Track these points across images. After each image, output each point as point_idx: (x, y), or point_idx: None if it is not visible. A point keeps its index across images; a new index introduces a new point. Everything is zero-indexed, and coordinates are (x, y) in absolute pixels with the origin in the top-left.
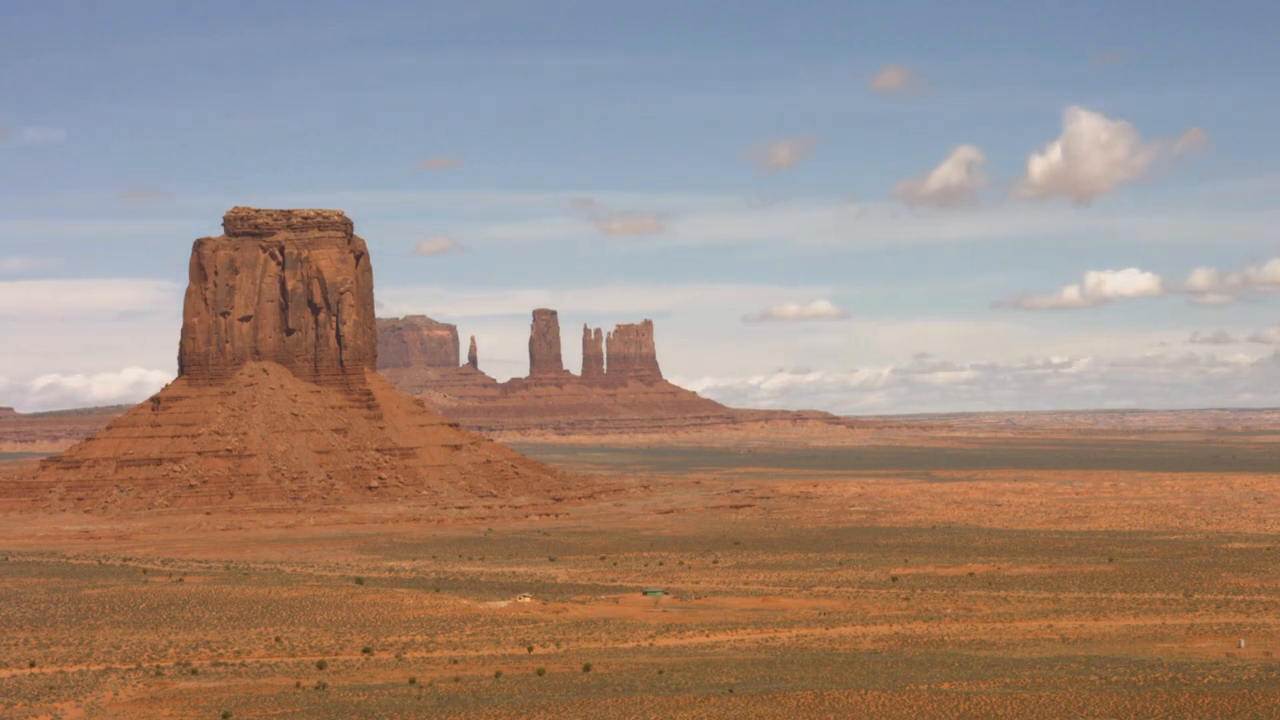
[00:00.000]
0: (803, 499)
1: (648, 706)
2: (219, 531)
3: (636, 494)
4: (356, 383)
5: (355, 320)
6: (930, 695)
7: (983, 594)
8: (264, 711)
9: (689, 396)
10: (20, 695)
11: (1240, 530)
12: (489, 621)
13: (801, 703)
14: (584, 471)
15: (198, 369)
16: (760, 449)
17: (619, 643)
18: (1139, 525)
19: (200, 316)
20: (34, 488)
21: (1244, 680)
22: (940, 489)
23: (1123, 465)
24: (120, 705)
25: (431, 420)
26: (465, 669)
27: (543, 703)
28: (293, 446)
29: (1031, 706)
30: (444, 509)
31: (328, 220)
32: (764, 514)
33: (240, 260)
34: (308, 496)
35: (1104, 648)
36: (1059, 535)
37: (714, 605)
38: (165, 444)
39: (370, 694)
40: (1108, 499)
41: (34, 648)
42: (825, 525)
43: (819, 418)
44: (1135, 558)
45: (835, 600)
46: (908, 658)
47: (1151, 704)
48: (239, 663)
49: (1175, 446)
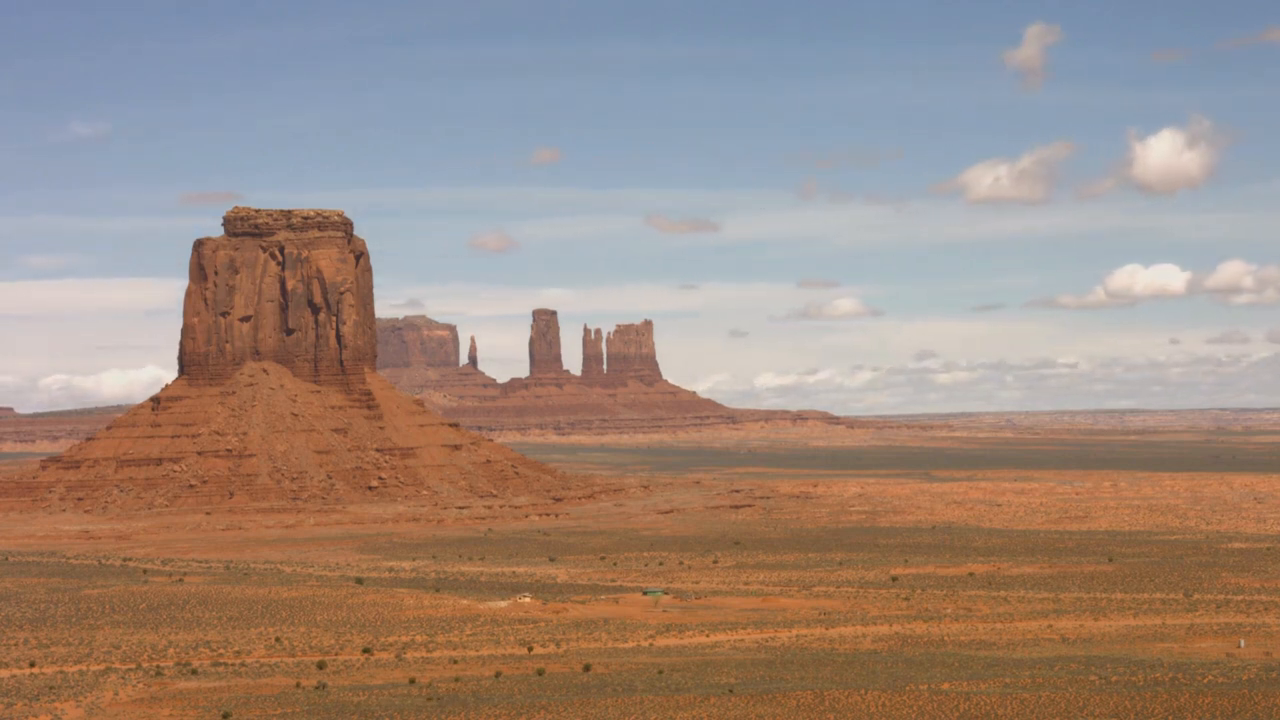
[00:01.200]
0: (803, 499)
1: (648, 706)
2: (219, 531)
3: (636, 494)
4: (356, 383)
5: (355, 320)
6: (930, 695)
7: (983, 594)
8: (264, 711)
9: (689, 396)
10: (20, 695)
11: (1240, 530)
12: (489, 621)
13: (801, 703)
14: (584, 471)
15: (198, 369)
16: (760, 449)
17: (619, 643)
18: (1139, 525)
19: (200, 316)
20: (34, 488)
21: (1244, 680)
22: (940, 489)
23: (1123, 465)
24: (120, 705)
25: (431, 420)
26: (465, 669)
27: (543, 703)
28: (293, 446)
29: (1031, 706)
30: (444, 509)
31: (328, 220)
32: (764, 514)
33: (240, 260)
34: (308, 496)
35: (1104, 648)
36: (1059, 535)
37: (714, 605)
38: (165, 444)
39: (370, 694)
40: (1108, 499)
41: (34, 648)
42: (825, 525)
43: (819, 418)
44: (1135, 558)
45: (835, 600)
46: (908, 658)
47: (1151, 704)
48: (239, 663)
49: (1175, 446)
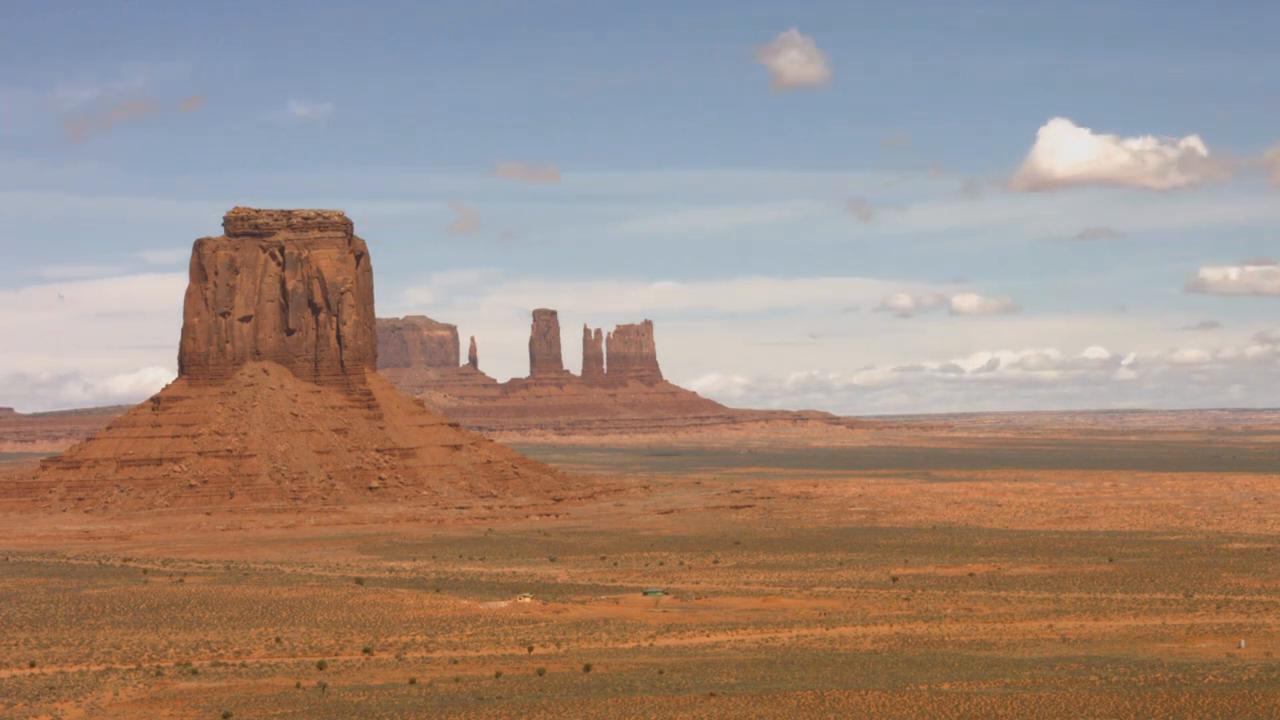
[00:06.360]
0: (803, 499)
1: (648, 706)
2: (219, 532)
3: (636, 494)
4: (357, 383)
5: (355, 320)
6: (930, 695)
7: (983, 594)
8: (264, 712)
9: (689, 397)
10: (20, 695)
11: (1240, 530)
12: (489, 622)
13: (801, 703)
14: (584, 471)
15: (198, 369)
16: (760, 449)
17: (619, 643)
18: (1139, 525)
19: (200, 316)
20: (34, 488)
21: (1244, 680)
22: (940, 489)
23: (1123, 465)
24: (120, 705)
25: (431, 420)
26: (465, 669)
27: (543, 703)
28: (293, 446)
29: (1031, 706)
30: (444, 509)
31: (328, 220)
32: (764, 514)
33: (240, 260)
34: (308, 497)
35: (1104, 648)
36: (1059, 535)
37: (714, 605)
38: (165, 444)
39: (370, 694)
40: (1108, 499)
41: (34, 648)
42: (825, 525)
43: (819, 418)
44: (1135, 558)
45: (835, 600)
46: (908, 658)
47: (1151, 704)
48: (239, 663)
49: (1175, 447)
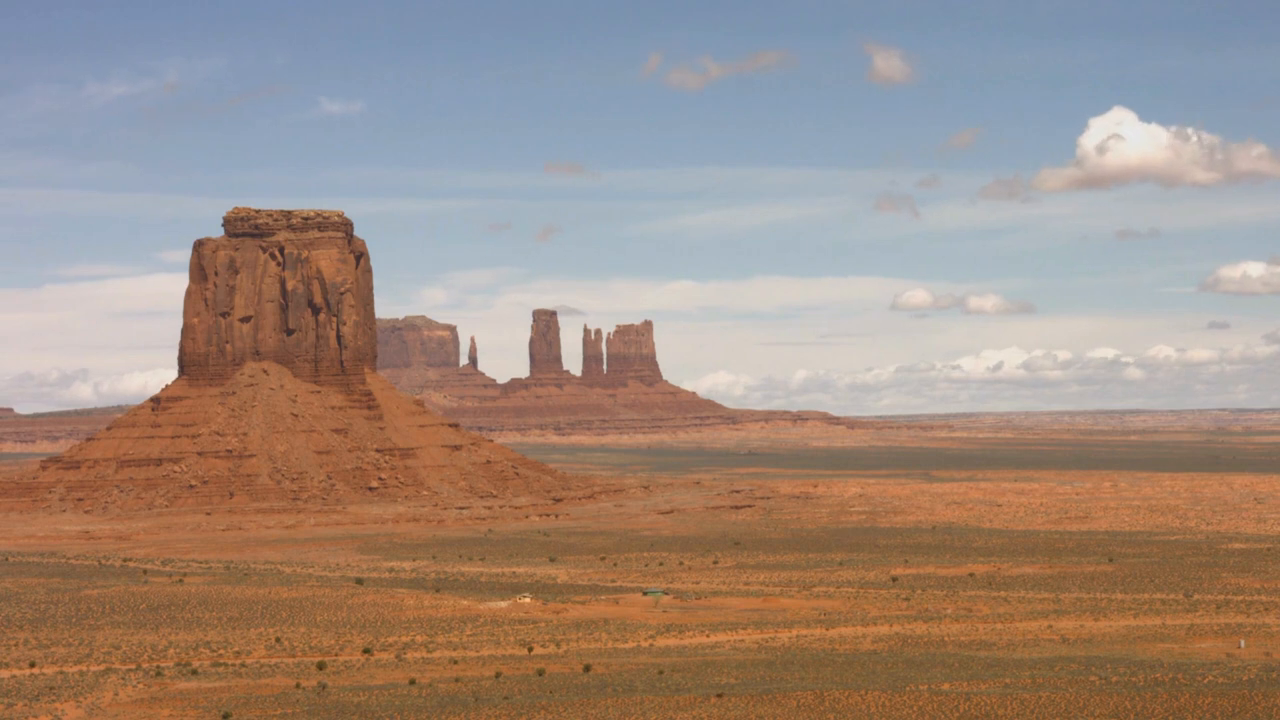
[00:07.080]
0: (803, 499)
1: (648, 707)
2: (219, 532)
3: (636, 494)
4: (357, 383)
5: (355, 320)
6: (930, 695)
7: (983, 594)
8: (264, 712)
9: (689, 397)
10: (20, 695)
11: (1240, 530)
12: (489, 622)
13: (801, 703)
14: (584, 472)
15: (198, 369)
16: (760, 449)
17: (619, 643)
18: (1139, 525)
19: (200, 317)
20: (34, 488)
21: (1244, 681)
22: (940, 489)
23: (1123, 465)
24: (120, 706)
25: (431, 420)
26: (465, 669)
27: (543, 703)
28: (293, 447)
29: (1031, 707)
30: (444, 509)
31: (328, 220)
32: (764, 514)
33: (240, 260)
34: (308, 497)
35: (1104, 648)
36: (1059, 535)
37: (714, 605)
38: (165, 444)
39: (370, 694)
40: (1108, 499)
41: (34, 648)
42: (825, 525)
43: (819, 418)
44: (1135, 558)
45: (835, 600)
46: (908, 658)
47: (1151, 704)
48: (239, 663)
49: (1175, 447)
